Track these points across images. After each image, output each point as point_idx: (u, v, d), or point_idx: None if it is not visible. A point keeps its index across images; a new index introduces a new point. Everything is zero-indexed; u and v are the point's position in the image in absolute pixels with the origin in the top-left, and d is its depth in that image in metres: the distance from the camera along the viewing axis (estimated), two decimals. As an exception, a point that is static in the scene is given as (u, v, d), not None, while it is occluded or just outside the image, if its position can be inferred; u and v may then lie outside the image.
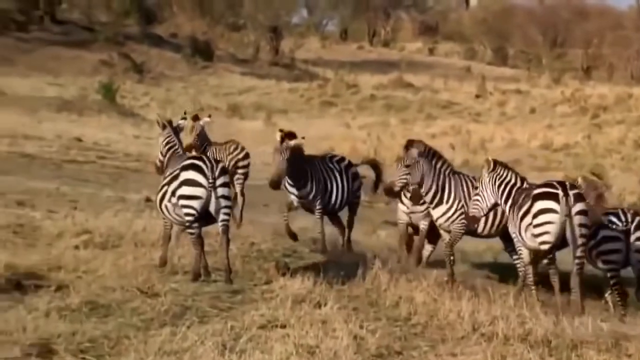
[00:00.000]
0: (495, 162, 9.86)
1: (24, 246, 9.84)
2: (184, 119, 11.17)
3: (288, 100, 40.82)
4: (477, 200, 9.83)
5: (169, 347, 7.08)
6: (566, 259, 9.69)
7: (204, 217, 9.16)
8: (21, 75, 38.38)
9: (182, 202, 9.07)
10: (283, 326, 7.73)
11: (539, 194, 9.27)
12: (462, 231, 10.51)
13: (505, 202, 9.68)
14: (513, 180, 9.71)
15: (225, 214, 9.14)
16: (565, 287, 9.57)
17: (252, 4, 52.42)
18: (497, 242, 11.47)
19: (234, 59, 49.49)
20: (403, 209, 11.15)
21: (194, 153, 11.97)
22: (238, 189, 12.99)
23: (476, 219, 10.12)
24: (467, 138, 29.95)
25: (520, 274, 10.02)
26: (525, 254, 9.59)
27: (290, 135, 11.08)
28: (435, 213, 10.51)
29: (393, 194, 10.76)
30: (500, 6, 67.46)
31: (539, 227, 9.19)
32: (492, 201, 9.77)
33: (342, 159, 12.02)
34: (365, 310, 8.55)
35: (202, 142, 12.87)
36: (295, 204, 11.37)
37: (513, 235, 9.63)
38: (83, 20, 48.10)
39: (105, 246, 10.22)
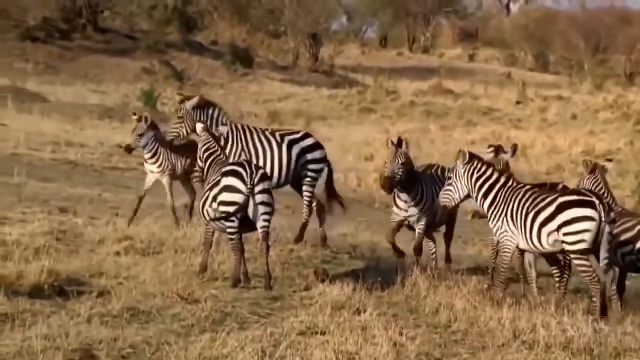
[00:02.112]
0: (472, 155, 9.68)
1: (67, 252, 9.94)
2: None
3: (328, 106, 40.82)
4: (450, 191, 9.70)
5: (209, 354, 7.11)
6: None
7: (245, 224, 9.21)
8: (65, 83, 38.80)
9: (222, 208, 9.13)
10: (323, 333, 7.74)
11: (572, 202, 9.11)
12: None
13: (484, 197, 9.51)
14: (495, 177, 9.53)
15: (266, 220, 9.18)
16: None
17: (292, 11, 52.58)
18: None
19: (274, 66, 49.64)
20: (398, 212, 10.95)
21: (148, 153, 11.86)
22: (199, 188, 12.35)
23: (446, 209, 10.11)
24: (507, 145, 29.70)
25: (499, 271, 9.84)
26: (509, 256, 9.46)
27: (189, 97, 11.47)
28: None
29: None
30: (541, 12, 66.98)
31: (573, 235, 9.05)
32: (466, 193, 9.64)
33: (295, 133, 11.71)
34: (405, 317, 8.53)
35: (147, 142, 11.94)
36: None
37: (503, 235, 9.40)
38: (125, 29, 48.52)
39: (146, 253, 10.29)
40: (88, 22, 46.26)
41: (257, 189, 9.11)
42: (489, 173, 9.56)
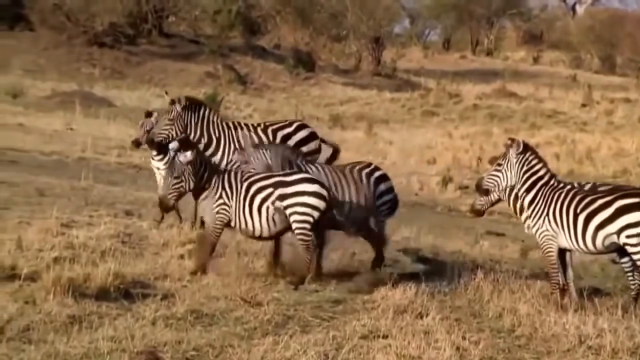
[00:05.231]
0: (526, 146, 9.47)
1: (132, 255, 10.06)
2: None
3: (390, 110, 40.76)
4: (498, 176, 9.48)
5: (272, 356, 7.15)
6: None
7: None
8: (130, 88, 39.37)
9: (304, 209, 9.40)
10: (385, 336, 7.73)
11: (636, 205, 8.94)
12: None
13: (527, 191, 9.34)
14: (541, 173, 9.35)
15: None
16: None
17: (354, 14, 52.59)
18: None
19: (336, 70, 49.69)
20: None
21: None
22: None
23: (487, 193, 9.90)
24: (572, 148, 29.41)
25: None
26: (554, 257, 9.29)
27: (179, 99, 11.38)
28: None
29: None
30: (608, 14, 65.97)
31: (638, 237, 8.90)
32: (512, 182, 9.44)
33: (288, 126, 11.39)
34: (467, 321, 8.48)
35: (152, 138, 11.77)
36: None
37: (543, 235, 9.26)
38: (189, 34, 49.03)
39: (209, 256, 10.37)
40: (153, 27, 46.84)
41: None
42: (537, 167, 9.42)
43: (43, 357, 6.85)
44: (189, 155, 9.51)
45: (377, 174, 10.58)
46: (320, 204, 9.45)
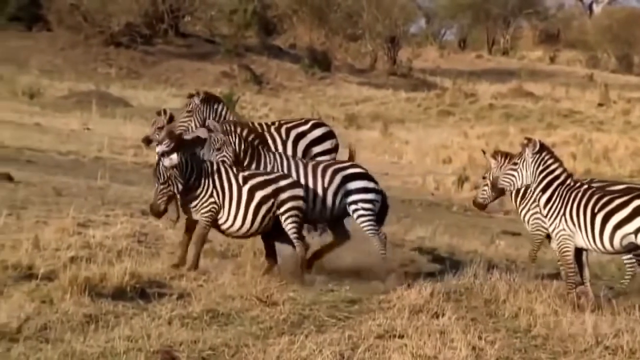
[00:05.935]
0: (543, 145, 9.41)
1: (148, 255, 10.09)
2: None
3: (405, 109, 40.74)
4: (514, 175, 9.42)
5: (287, 356, 7.15)
6: None
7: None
8: (146, 88, 39.49)
9: (295, 213, 9.63)
10: (400, 336, 7.72)
11: None
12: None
13: (543, 191, 9.26)
14: (557, 172, 9.28)
15: None
16: None
17: (370, 14, 52.57)
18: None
19: (352, 69, 49.69)
20: None
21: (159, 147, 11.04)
22: None
23: (502, 192, 9.87)
24: (589, 147, 29.31)
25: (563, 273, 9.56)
26: (571, 256, 9.25)
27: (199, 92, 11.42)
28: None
29: None
30: (625, 12, 65.68)
31: None
32: (527, 182, 9.38)
33: (303, 124, 11.16)
34: (483, 321, 8.46)
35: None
36: None
37: (560, 235, 9.20)
38: (205, 33, 49.13)
39: (225, 255, 10.41)
40: (169, 27, 46.96)
41: None
42: (553, 167, 9.37)
43: (60, 356, 6.88)
44: (174, 158, 9.53)
45: (349, 171, 10.21)
46: (304, 205, 9.76)
